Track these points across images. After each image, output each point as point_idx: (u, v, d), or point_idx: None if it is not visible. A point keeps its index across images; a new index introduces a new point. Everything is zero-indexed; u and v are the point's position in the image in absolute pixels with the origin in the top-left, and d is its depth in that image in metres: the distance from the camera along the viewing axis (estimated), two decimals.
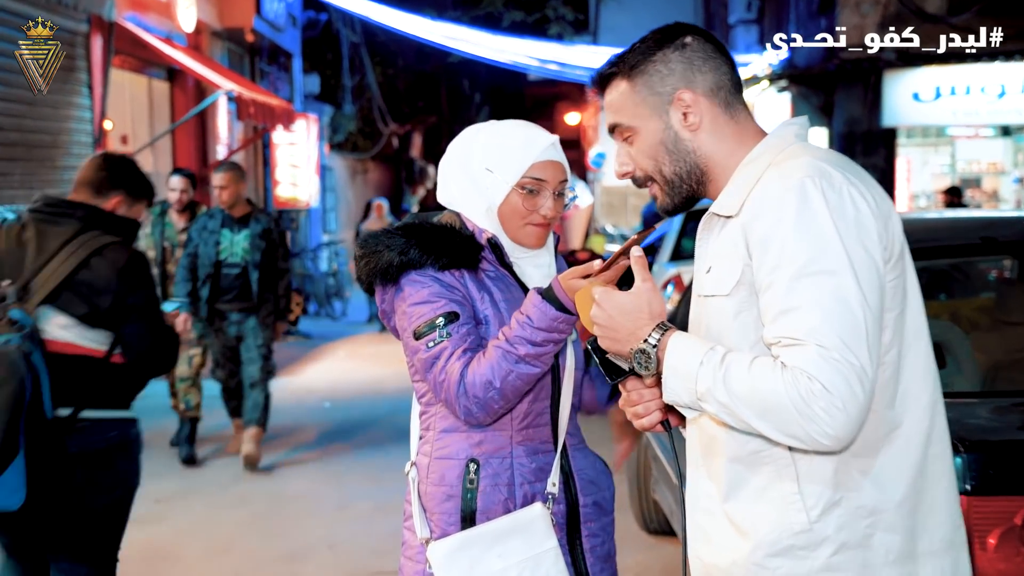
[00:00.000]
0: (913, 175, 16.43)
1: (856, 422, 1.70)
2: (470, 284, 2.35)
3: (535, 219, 2.38)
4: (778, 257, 1.76)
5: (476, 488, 2.33)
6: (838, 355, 1.69)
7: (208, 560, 5.61)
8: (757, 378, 1.73)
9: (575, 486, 2.42)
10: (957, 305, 4.49)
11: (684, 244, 9.55)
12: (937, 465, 1.89)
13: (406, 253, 2.30)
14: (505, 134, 2.39)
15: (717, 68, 1.95)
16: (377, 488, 6.72)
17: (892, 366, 1.84)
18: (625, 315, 1.92)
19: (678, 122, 1.95)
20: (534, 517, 2.33)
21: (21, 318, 3.13)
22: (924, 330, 1.91)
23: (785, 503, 1.83)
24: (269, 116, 13.02)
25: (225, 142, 14.56)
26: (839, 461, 1.81)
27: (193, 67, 11.86)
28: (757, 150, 1.92)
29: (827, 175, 1.79)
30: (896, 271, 1.84)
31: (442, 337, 2.27)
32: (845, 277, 1.73)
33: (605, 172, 26.07)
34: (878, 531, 1.82)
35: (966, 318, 4.12)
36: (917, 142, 16.89)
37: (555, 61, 20.51)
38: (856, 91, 15.16)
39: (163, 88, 13.16)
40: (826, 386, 1.68)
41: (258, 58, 16.78)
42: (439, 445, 2.39)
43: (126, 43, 10.68)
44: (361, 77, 24.18)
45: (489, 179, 2.36)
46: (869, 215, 1.79)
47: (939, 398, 1.91)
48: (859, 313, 1.72)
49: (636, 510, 5.80)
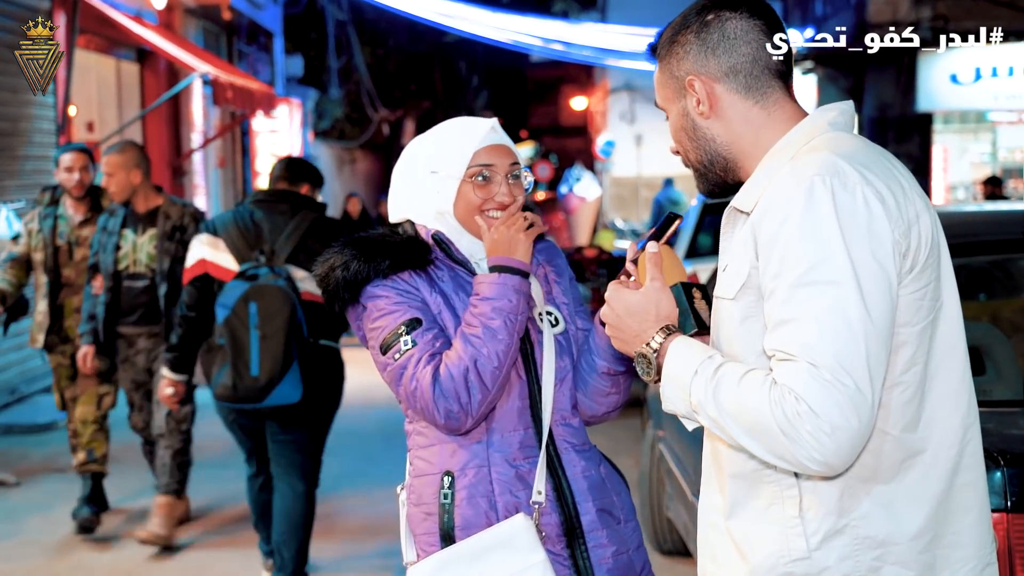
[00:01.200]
0: (950, 165, 16.42)
1: (848, 448, 1.70)
2: (422, 286, 2.43)
3: (492, 206, 2.46)
4: (780, 262, 1.77)
5: (452, 503, 2.37)
6: (830, 376, 1.69)
7: None
8: (745, 394, 1.75)
9: (571, 492, 2.42)
10: (997, 306, 4.49)
11: (700, 240, 9.55)
12: (966, 495, 1.87)
13: (348, 267, 2.40)
14: (443, 132, 2.51)
15: (734, 49, 1.94)
16: (367, 505, 6.73)
17: (914, 386, 1.82)
18: (632, 315, 1.96)
19: (693, 108, 1.97)
20: (517, 530, 2.33)
21: (279, 270, 4.75)
22: (960, 345, 1.89)
23: (785, 527, 1.83)
24: (248, 101, 13.03)
25: (200, 129, 14.57)
26: (845, 486, 1.80)
27: (165, 47, 11.87)
28: (784, 139, 1.92)
29: (841, 173, 1.78)
30: (922, 281, 1.81)
31: (407, 345, 2.35)
32: (847, 289, 1.72)
33: (614, 162, 26.07)
34: (887, 564, 1.81)
35: (1007, 320, 4.12)
36: (955, 128, 16.89)
37: (560, 40, 20.54)
38: (888, 73, 15.18)
39: (132, 70, 13.17)
40: (814, 408, 1.68)
41: (236, 38, 16.79)
42: (417, 464, 2.46)
43: (92, 21, 10.70)
44: (348, 58, 24.20)
45: (435, 181, 2.46)
46: (884, 220, 1.76)
47: (974, 421, 1.89)
48: (859, 330, 1.71)
49: (649, 529, 5.81)
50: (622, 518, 2.49)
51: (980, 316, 4.10)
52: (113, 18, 10.75)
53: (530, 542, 2.33)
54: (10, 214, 7.68)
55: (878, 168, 1.84)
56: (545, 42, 20.52)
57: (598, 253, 11.73)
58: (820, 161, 1.81)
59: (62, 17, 10.05)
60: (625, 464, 7.67)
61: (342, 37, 24.01)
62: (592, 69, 29.56)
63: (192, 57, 12.44)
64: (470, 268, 2.47)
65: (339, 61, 23.84)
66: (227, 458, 7.61)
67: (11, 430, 8.99)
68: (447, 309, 2.42)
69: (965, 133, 17.07)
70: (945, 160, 16.27)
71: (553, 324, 2.49)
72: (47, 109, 10.05)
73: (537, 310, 2.48)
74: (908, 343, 1.80)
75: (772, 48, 1.94)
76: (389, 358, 2.36)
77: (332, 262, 2.43)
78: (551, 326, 2.48)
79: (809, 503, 1.82)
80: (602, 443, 2.94)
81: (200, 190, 14.58)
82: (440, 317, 2.41)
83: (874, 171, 1.82)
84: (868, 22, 14.98)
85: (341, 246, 2.45)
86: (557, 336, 2.48)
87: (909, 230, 1.80)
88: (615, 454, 2.74)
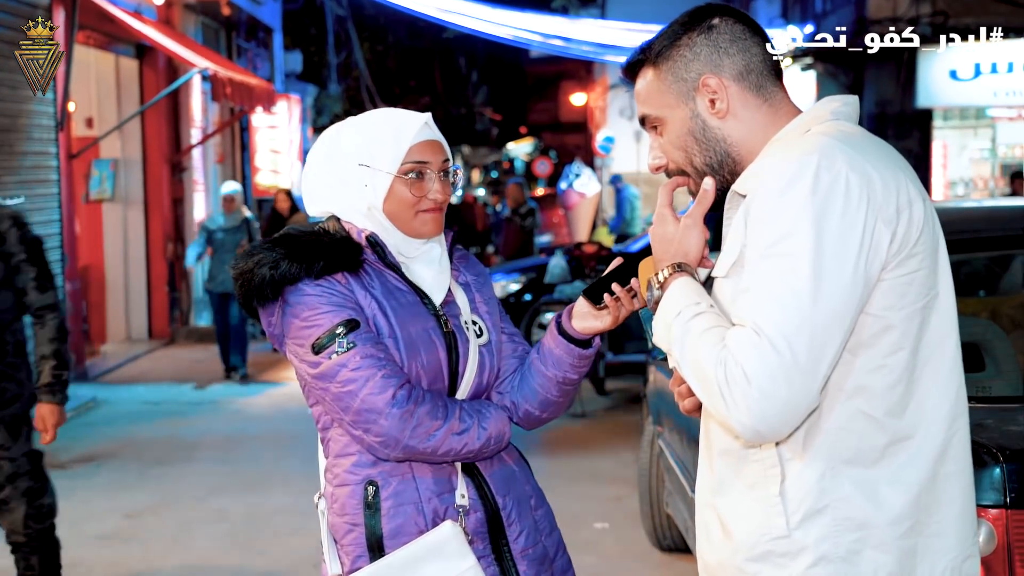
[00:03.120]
0: (950, 160, 16.41)
1: (776, 417, 1.73)
2: (356, 289, 2.35)
3: (426, 205, 2.38)
4: (755, 234, 1.82)
5: (379, 512, 2.33)
6: (769, 345, 1.73)
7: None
8: (702, 347, 1.80)
9: (490, 489, 2.40)
10: (996, 302, 4.50)
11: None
12: (951, 485, 1.88)
13: (277, 266, 2.30)
14: (373, 124, 2.41)
15: (746, 50, 1.97)
16: None
17: (899, 370, 1.84)
18: (659, 241, 2.01)
19: (705, 109, 1.98)
20: (446, 538, 2.31)
21: None
22: (952, 337, 1.91)
23: (767, 505, 1.86)
24: (247, 97, 13.03)
25: (199, 125, 14.57)
26: (827, 466, 1.83)
27: (164, 43, 11.87)
28: (788, 126, 1.96)
29: (829, 154, 1.81)
30: (910, 266, 1.83)
31: (343, 347, 2.27)
32: (803, 262, 1.75)
33: (614, 158, 26.07)
34: (867, 548, 1.83)
35: (1006, 316, 4.13)
36: (954, 124, 16.88)
37: (560, 36, 20.51)
38: (888, 69, 15.16)
39: (131, 66, 13.17)
40: (747, 373, 1.73)
41: (235, 33, 16.79)
42: (336, 472, 2.39)
43: (91, 17, 10.69)
44: (348, 54, 24.19)
45: (366, 175, 2.37)
46: (863, 202, 1.78)
47: (962, 411, 1.91)
48: (808, 304, 1.74)
49: (648, 526, 5.82)
50: (533, 504, 2.47)
51: (980, 312, 4.11)
52: (112, 14, 10.75)
53: (459, 549, 2.31)
54: None
55: (873, 153, 1.86)
56: (544, 38, 20.49)
57: (597, 249, 11.73)
58: (811, 143, 1.84)
59: (61, 13, 10.05)
60: (625, 460, 7.71)
61: (341, 33, 23.99)
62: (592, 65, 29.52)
63: (191, 53, 12.43)
64: (401, 272, 2.40)
65: (338, 57, 23.82)
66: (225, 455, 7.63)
67: None
68: (381, 315, 2.34)
69: (965, 129, 17.05)
70: (945, 156, 16.26)
71: (478, 335, 2.44)
72: (46, 105, 10.04)
73: (463, 319, 2.43)
74: (894, 327, 1.82)
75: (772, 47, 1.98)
76: (323, 357, 2.27)
77: (260, 259, 2.31)
78: (476, 336, 2.44)
79: (791, 482, 1.84)
80: (601, 439, 2.94)
81: (199, 186, 14.58)
82: (375, 322, 2.33)
83: (867, 155, 1.84)
84: (868, 18, 14.97)
85: (271, 244, 2.35)
86: (481, 348, 2.44)
87: (898, 215, 1.82)
88: (614, 450, 2.73)
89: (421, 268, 2.43)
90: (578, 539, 5.12)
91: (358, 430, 2.29)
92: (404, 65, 28.58)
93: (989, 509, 2.78)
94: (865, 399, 1.83)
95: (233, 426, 9.04)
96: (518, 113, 41.51)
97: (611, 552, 5.80)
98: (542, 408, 2.46)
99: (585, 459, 7.69)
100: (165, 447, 7.54)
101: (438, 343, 2.37)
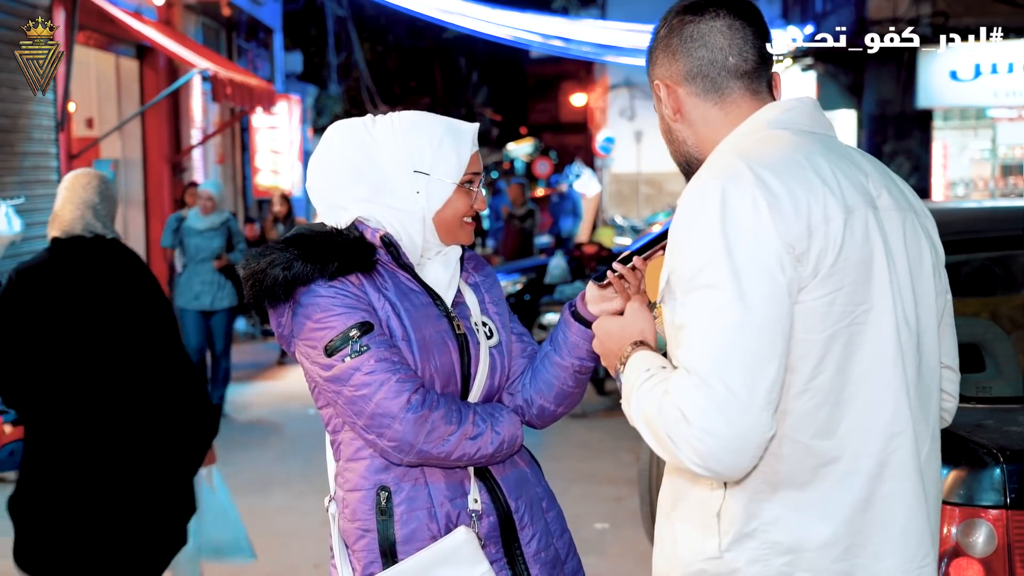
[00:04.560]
0: (950, 161, 16.41)
1: (726, 453, 1.71)
2: (370, 291, 2.31)
3: (471, 213, 2.40)
4: (676, 266, 1.81)
5: (391, 517, 2.30)
6: (700, 382, 1.71)
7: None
8: (648, 402, 1.80)
9: (502, 493, 2.38)
10: (996, 303, 4.50)
11: None
12: (890, 505, 1.84)
13: (290, 267, 2.26)
14: (428, 129, 2.35)
15: (691, 53, 1.94)
16: None
17: (823, 393, 1.80)
18: (611, 339, 2.04)
19: (668, 112, 2.00)
20: (459, 543, 2.29)
21: None
22: (892, 353, 1.84)
23: (705, 525, 1.87)
24: (248, 97, 13.03)
25: (200, 126, 14.57)
26: (754, 490, 1.82)
27: (164, 44, 11.87)
28: (725, 141, 1.93)
29: (736, 176, 1.78)
30: (828, 287, 1.78)
31: (356, 352, 2.23)
32: (725, 292, 1.73)
33: (614, 158, 26.08)
34: (798, 571, 1.82)
35: (1006, 317, 4.13)
36: (954, 125, 16.88)
37: (560, 37, 20.53)
38: (888, 69, 15.17)
39: (132, 67, 13.16)
40: (686, 415, 1.72)
41: (235, 34, 16.79)
42: (347, 476, 2.36)
43: (92, 17, 10.69)
44: (348, 55, 24.19)
45: (420, 182, 2.32)
46: (771, 223, 1.74)
47: (903, 428, 1.85)
48: (734, 333, 1.71)
49: (648, 526, 5.80)
50: (544, 507, 2.46)
51: (979, 313, 4.11)
52: (113, 14, 10.75)
53: (472, 554, 2.30)
54: (10, 210, 7.68)
55: (787, 169, 1.81)
56: (545, 38, 20.50)
57: (597, 249, 11.74)
58: (719, 164, 1.83)
59: (62, 14, 10.04)
60: (625, 460, 7.71)
61: (341, 33, 23.99)
62: (592, 65, 29.52)
63: (191, 53, 12.43)
64: (414, 273, 2.37)
65: (339, 57, 23.83)
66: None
67: None
68: (395, 317, 2.31)
69: (965, 130, 17.05)
70: (945, 156, 16.26)
71: (488, 336, 2.43)
72: (47, 105, 10.04)
73: (473, 320, 2.42)
74: (813, 351, 1.79)
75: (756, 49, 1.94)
76: (336, 360, 2.23)
77: (273, 259, 2.28)
78: (486, 338, 2.42)
79: (727, 504, 1.84)
80: (601, 439, 2.94)
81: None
82: (388, 324, 2.30)
83: (778, 172, 1.80)
84: (868, 19, 14.97)
85: (284, 244, 2.31)
86: (491, 349, 2.42)
87: (810, 234, 1.77)
88: (614, 450, 2.73)
89: (438, 269, 2.41)
90: (578, 539, 5.08)
91: (371, 434, 2.26)
92: (404, 65, 28.58)
93: (989, 510, 2.78)
94: (791, 423, 1.80)
95: (233, 426, 9.04)
96: (518, 114, 41.51)
97: (611, 552, 5.80)
98: (558, 401, 2.44)
99: (585, 460, 7.69)
100: None
101: (451, 345, 2.35)
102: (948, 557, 2.78)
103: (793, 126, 1.92)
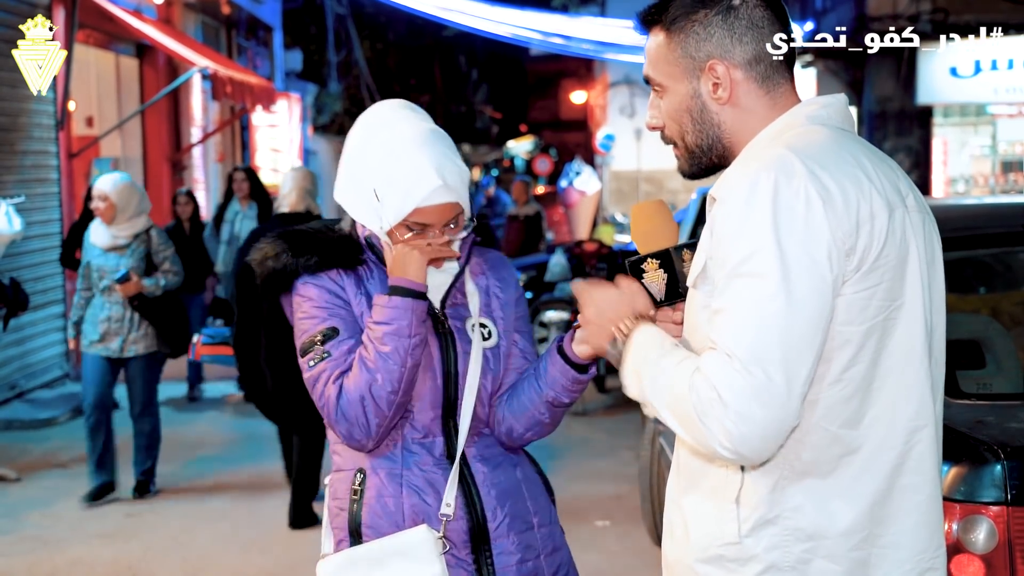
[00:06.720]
0: (950, 157, 16.42)
1: (757, 439, 1.72)
2: (348, 286, 2.39)
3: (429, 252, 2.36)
4: (721, 252, 1.81)
5: (361, 499, 2.39)
6: (741, 366, 1.72)
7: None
8: (675, 380, 1.80)
9: (479, 501, 2.40)
10: (997, 299, 4.50)
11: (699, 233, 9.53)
12: (907, 498, 1.87)
13: (278, 258, 2.38)
14: (395, 160, 2.32)
15: (761, 38, 1.94)
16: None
17: (855, 384, 1.82)
18: (611, 306, 2.03)
19: (707, 92, 1.96)
20: (418, 541, 2.33)
21: None
22: (919, 349, 1.87)
23: (722, 510, 1.87)
24: (248, 95, 13.03)
25: (199, 124, 14.57)
26: (780, 477, 1.83)
27: (164, 42, 11.87)
28: (764, 132, 1.93)
29: (787, 167, 1.78)
30: (870, 281, 1.80)
31: (318, 357, 2.33)
32: (771, 281, 1.74)
33: (614, 156, 26.08)
34: (817, 558, 1.83)
35: (1007, 313, 4.12)
36: (955, 121, 16.88)
37: (560, 34, 20.51)
38: (888, 66, 15.17)
39: (132, 65, 13.16)
40: (722, 397, 1.72)
41: (235, 32, 16.78)
42: (336, 459, 2.48)
43: (91, 16, 10.69)
44: (348, 53, 24.18)
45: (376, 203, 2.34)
46: (823, 217, 1.76)
47: (926, 423, 1.88)
48: (777, 322, 1.73)
49: (649, 523, 5.81)
50: (535, 523, 2.46)
51: (980, 309, 4.11)
52: (112, 13, 10.75)
53: (429, 554, 2.32)
54: (10, 209, 7.67)
55: (836, 165, 1.82)
56: (544, 36, 20.49)
57: (598, 247, 11.72)
58: (771, 156, 1.82)
59: (61, 12, 10.05)
60: (625, 458, 7.70)
61: (341, 31, 23.98)
62: (592, 63, 29.50)
63: (191, 52, 12.43)
64: None
65: (338, 55, 23.82)
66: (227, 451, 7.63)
67: (11, 425, 9.00)
68: (369, 311, 2.36)
69: (965, 126, 17.06)
70: (945, 153, 16.26)
71: (485, 337, 2.43)
72: (46, 104, 10.04)
73: (471, 321, 2.43)
74: (851, 342, 1.81)
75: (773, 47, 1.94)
76: (305, 363, 2.36)
77: (265, 251, 2.40)
78: (483, 339, 2.43)
79: (746, 491, 1.85)
80: (603, 438, 2.94)
81: (199, 185, 14.57)
82: (362, 319, 2.36)
83: (828, 167, 1.81)
84: (868, 16, 14.96)
85: (275, 236, 2.43)
86: (486, 351, 2.43)
87: (857, 229, 1.79)
88: (615, 448, 2.73)
89: (430, 269, 2.41)
90: (579, 537, 5.12)
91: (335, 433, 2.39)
92: (404, 63, 28.57)
93: (990, 506, 2.78)
94: (821, 412, 1.82)
95: (233, 426, 9.03)
96: (518, 111, 41.48)
97: (612, 549, 5.80)
98: (527, 426, 2.44)
99: (586, 457, 7.69)
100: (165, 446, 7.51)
101: (431, 341, 2.38)
102: (949, 554, 2.78)
103: (830, 123, 1.93)
